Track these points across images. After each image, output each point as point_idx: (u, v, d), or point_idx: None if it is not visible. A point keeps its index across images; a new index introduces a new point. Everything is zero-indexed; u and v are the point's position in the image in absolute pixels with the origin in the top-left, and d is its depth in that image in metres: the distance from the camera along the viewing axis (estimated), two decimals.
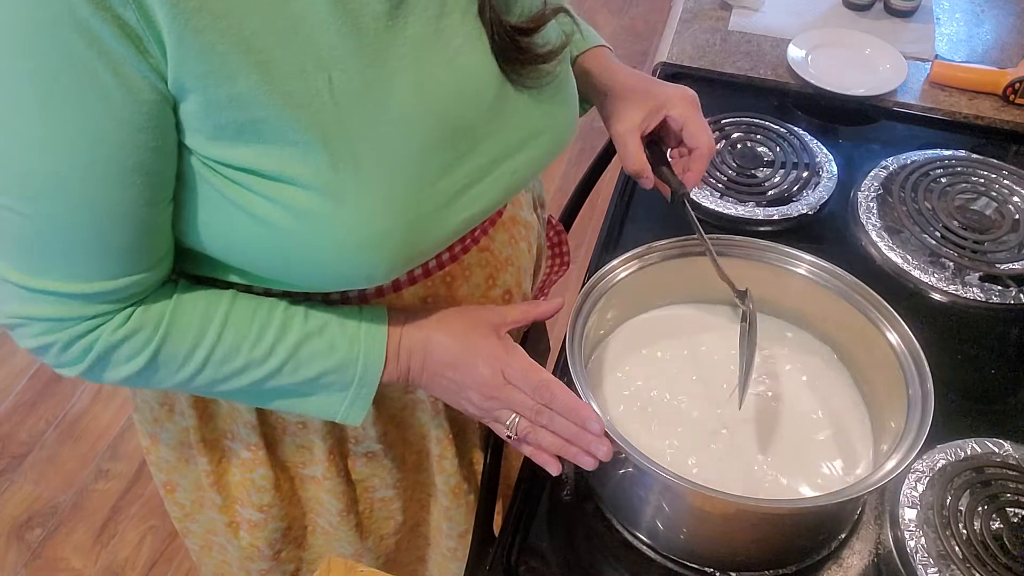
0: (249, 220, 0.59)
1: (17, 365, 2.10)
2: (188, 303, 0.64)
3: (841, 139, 1.20)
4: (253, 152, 0.56)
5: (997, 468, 0.78)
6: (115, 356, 0.63)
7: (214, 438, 0.81)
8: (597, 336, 0.85)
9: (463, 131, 0.63)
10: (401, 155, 0.60)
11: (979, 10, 1.46)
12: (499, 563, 0.75)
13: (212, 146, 0.56)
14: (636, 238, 0.91)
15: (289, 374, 0.67)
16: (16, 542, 1.78)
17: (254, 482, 0.82)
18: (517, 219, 0.82)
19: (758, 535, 0.72)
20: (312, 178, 0.57)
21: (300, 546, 0.93)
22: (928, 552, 0.73)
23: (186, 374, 0.65)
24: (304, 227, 0.58)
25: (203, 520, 0.91)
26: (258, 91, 0.54)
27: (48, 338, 0.61)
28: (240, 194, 0.58)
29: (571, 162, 2.62)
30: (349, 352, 0.67)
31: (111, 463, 1.91)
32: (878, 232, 1.04)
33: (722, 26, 1.42)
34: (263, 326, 0.65)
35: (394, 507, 0.90)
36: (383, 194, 0.59)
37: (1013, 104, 1.24)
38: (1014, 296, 0.97)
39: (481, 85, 0.64)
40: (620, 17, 3.35)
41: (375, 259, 0.61)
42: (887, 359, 0.76)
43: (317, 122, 0.56)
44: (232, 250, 0.62)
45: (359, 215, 0.59)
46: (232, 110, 0.54)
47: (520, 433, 0.70)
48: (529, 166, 0.70)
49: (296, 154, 0.56)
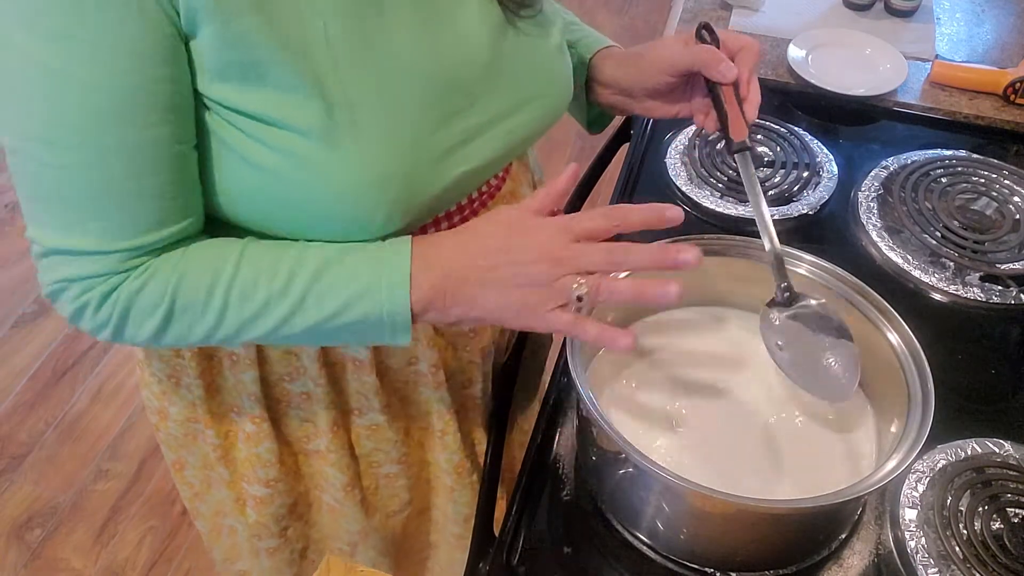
0: (251, 169, 0.60)
1: (17, 365, 2.10)
2: (202, 247, 0.64)
3: (841, 139, 1.20)
4: (255, 96, 0.58)
5: (997, 468, 0.78)
6: (136, 309, 0.62)
7: (221, 412, 0.82)
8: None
9: (459, 87, 0.65)
10: (397, 105, 0.61)
11: (979, 10, 1.46)
12: (499, 563, 0.75)
13: (218, 87, 0.57)
14: (636, 238, 0.91)
15: (314, 307, 0.62)
16: (16, 542, 1.78)
17: (259, 456, 0.83)
18: (517, 194, 0.83)
19: (758, 535, 0.72)
20: (309, 124, 0.59)
21: (307, 523, 0.94)
22: (928, 552, 0.73)
23: (210, 320, 0.63)
24: (302, 173, 0.60)
25: (211, 500, 0.93)
26: (262, 31, 0.56)
27: (84, 297, 0.61)
28: (242, 142, 0.59)
29: (571, 161, 2.62)
30: (372, 273, 0.63)
31: (111, 463, 1.91)
32: (878, 232, 1.03)
33: (722, 26, 1.42)
34: (278, 257, 0.63)
35: (399, 484, 0.90)
36: (378, 142, 0.61)
37: (1013, 104, 1.24)
38: (1014, 296, 0.96)
39: (477, 45, 0.67)
40: (620, 17, 3.34)
41: (372, 204, 0.62)
42: (887, 359, 0.75)
43: (312, 68, 0.58)
44: (238, 202, 0.63)
45: (355, 161, 0.60)
46: (238, 48, 0.56)
47: (595, 295, 0.61)
48: (525, 128, 0.72)
49: (294, 100, 0.58)
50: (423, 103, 0.63)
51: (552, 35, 0.74)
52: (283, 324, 0.63)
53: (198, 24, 0.54)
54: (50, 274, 0.61)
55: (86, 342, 2.15)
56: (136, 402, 2.03)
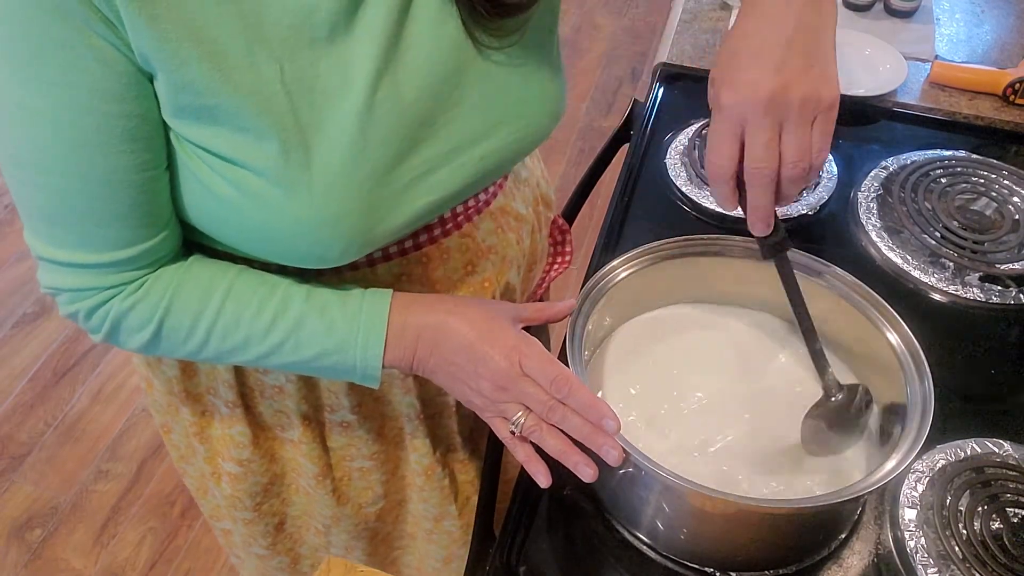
0: (210, 195, 0.62)
1: (17, 366, 2.10)
2: (193, 277, 0.67)
3: (841, 139, 1.20)
4: (210, 133, 0.59)
5: (997, 468, 0.78)
6: (125, 325, 0.66)
7: (197, 392, 0.84)
8: (597, 336, 0.85)
9: (419, 119, 0.64)
10: (354, 145, 0.61)
11: (979, 10, 1.46)
12: (499, 563, 0.75)
13: (177, 123, 0.59)
14: (636, 238, 0.91)
15: (291, 352, 0.68)
16: (16, 542, 1.78)
17: (232, 438, 0.85)
18: (508, 210, 0.82)
19: (758, 535, 0.72)
20: (263, 164, 0.59)
21: (283, 501, 0.95)
22: (928, 552, 0.73)
23: (193, 345, 0.67)
24: (257, 207, 0.61)
25: (195, 464, 0.95)
26: (210, 79, 0.56)
27: (74, 307, 0.66)
28: (201, 169, 0.61)
29: (571, 162, 2.62)
30: (349, 333, 0.68)
31: (111, 464, 1.91)
32: (878, 232, 1.04)
33: (722, 27, 1.42)
34: (263, 301, 0.67)
35: (372, 478, 0.91)
36: (334, 183, 0.61)
37: (1013, 104, 1.24)
38: (1014, 296, 0.96)
39: (443, 72, 0.64)
40: (620, 17, 3.35)
41: (326, 241, 0.63)
42: (887, 359, 0.76)
43: (268, 111, 0.58)
44: (203, 221, 0.65)
45: (309, 201, 0.61)
46: (188, 94, 0.57)
47: (525, 431, 0.67)
48: (498, 154, 0.69)
49: (249, 140, 0.59)
50: (382, 139, 0.62)
51: (529, 49, 0.69)
52: (260, 359, 0.69)
53: (152, 68, 0.56)
54: (44, 278, 0.66)
55: (86, 343, 2.15)
56: (136, 403, 2.03)
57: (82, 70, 0.54)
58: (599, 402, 0.66)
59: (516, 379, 0.67)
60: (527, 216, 0.86)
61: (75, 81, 0.55)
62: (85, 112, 0.56)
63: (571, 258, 0.98)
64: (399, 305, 0.69)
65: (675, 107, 1.27)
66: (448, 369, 0.69)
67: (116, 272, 0.64)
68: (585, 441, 0.66)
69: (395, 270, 0.75)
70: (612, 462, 0.65)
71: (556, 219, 0.98)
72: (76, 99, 0.55)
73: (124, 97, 0.56)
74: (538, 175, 0.92)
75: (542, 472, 0.69)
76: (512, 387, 0.67)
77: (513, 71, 0.68)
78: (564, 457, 0.67)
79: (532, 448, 0.69)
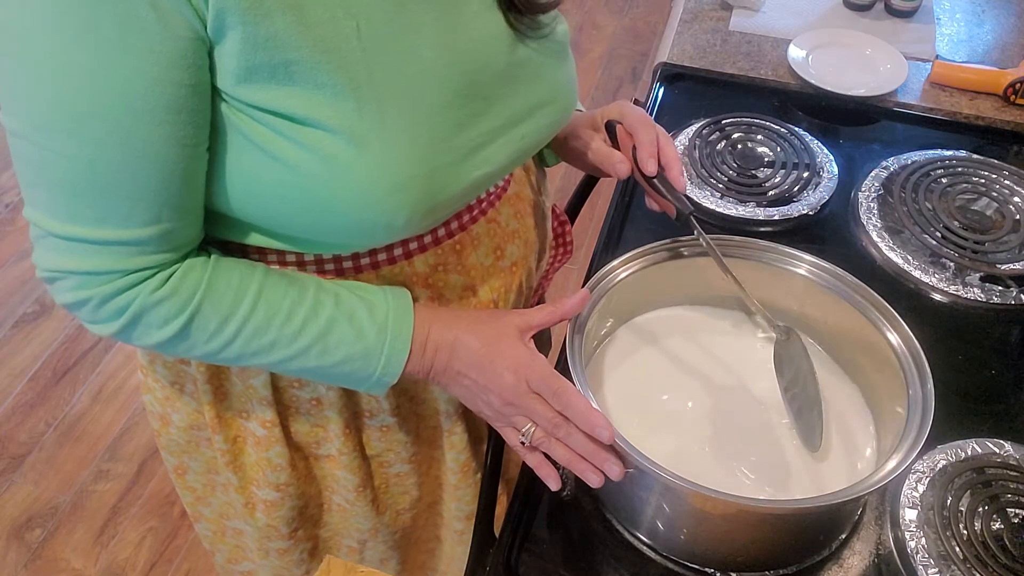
0: (275, 165, 0.60)
1: (17, 366, 2.10)
2: (224, 274, 0.66)
3: (842, 139, 1.20)
4: (284, 94, 0.58)
5: (997, 468, 0.78)
6: (149, 318, 0.63)
7: (229, 416, 0.82)
8: (597, 336, 0.85)
9: (478, 92, 0.67)
10: (422, 106, 0.63)
11: (980, 10, 1.46)
12: (499, 563, 0.75)
13: (244, 88, 0.58)
14: (636, 238, 0.91)
15: (316, 356, 0.68)
16: (16, 542, 1.78)
17: (270, 461, 0.83)
18: (522, 195, 0.84)
19: (758, 535, 0.72)
20: (338, 122, 0.59)
21: (316, 524, 0.94)
22: (928, 553, 0.73)
23: (216, 345, 0.66)
24: (328, 171, 0.60)
25: (216, 503, 0.93)
26: (292, 32, 0.56)
27: (84, 292, 0.62)
28: (267, 138, 0.59)
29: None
30: (376, 340, 0.69)
31: (111, 464, 1.91)
32: (879, 232, 1.03)
33: (722, 26, 1.42)
34: (295, 304, 0.67)
35: (409, 482, 0.91)
36: (405, 142, 0.62)
37: (1014, 104, 1.24)
38: (1015, 296, 0.96)
39: (495, 50, 0.68)
40: (620, 18, 3.35)
41: (396, 205, 0.63)
42: (887, 360, 0.75)
43: (345, 67, 0.59)
44: (256, 202, 0.64)
45: (381, 161, 0.61)
46: (268, 50, 0.56)
47: (535, 441, 0.71)
48: (536, 134, 0.74)
49: (324, 98, 0.59)
50: (445, 105, 0.64)
51: (558, 42, 0.75)
52: (281, 363, 0.68)
53: (226, 27, 0.55)
54: (48, 259, 0.62)
55: (86, 343, 2.15)
56: (136, 403, 2.03)
57: (141, 31, 0.53)
58: (593, 412, 0.68)
59: (523, 395, 0.70)
60: (538, 201, 0.88)
61: (132, 42, 0.53)
62: (136, 75, 0.54)
63: (572, 248, 0.99)
64: (421, 319, 0.71)
65: (675, 107, 1.27)
66: (462, 382, 0.72)
67: (137, 254, 0.61)
68: (588, 457, 0.69)
69: (431, 261, 0.75)
70: (613, 477, 0.68)
71: (556, 211, 0.99)
72: (129, 61, 0.53)
73: (179, 64, 0.55)
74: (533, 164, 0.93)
75: (553, 477, 0.72)
76: (520, 403, 0.70)
77: (547, 59, 0.73)
78: (572, 465, 0.70)
79: (542, 455, 0.72)
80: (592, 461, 0.69)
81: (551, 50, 0.74)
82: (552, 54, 0.74)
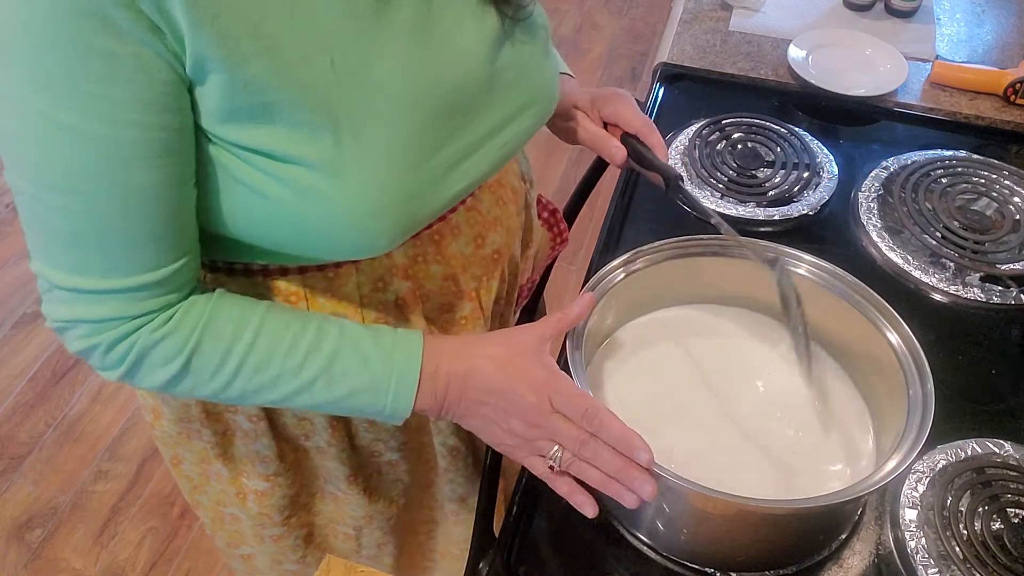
0: (258, 198, 0.61)
1: (17, 366, 2.10)
2: (225, 309, 0.65)
3: (842, 139, 1.20)
4: (264, 133, 0.58)
5: (998, 469, 0.78)
6: (152, 358, 0.63)
7: (217, 410, 0.82)
8: (598, 337, 0.85)
9: (457, 108, 0.66)
10: (399, 132, 0.63)
11: (980, 10, 1.46)
12: (499, 563, 0.75)
13: (225, 128, 0.58)
14: (636, 238, 0.91)
15: (323, 389, 0.66)
16: (16, 542, 1.78)
17: (258, 453, 0.84)
18: (503, 182, 0.84)
19: (758, 535, 0.72)
20: (317, 157, 0.60)
21: (310, 511, 0.95)
22: (929, 553, 0.73)
23: (219, 383, 0.65)
24: (309, 203, 0.61)
25: (212, 491, 0.93)
26: (270, 75, 0.56)
27: (93, 339, 0.62)
28: (249, 174, 0.60)
29: (571, 162, 2.62)
30: (383, 369, 0.67)
31: (111, 464, 1.91)
32: (878, 232, 1.03)
33: (722, 27, 1.42)
34: (297, 336, 0.66)
35: (400, 469, 0.91)
36: (382, 170, 0.62)
37: (1014, 104, 1.24)
38: (1015, 296, 0.96)
39: (475, 62, 0.67)
40: (620, 18, 3.35)
41: (376, 230, 0.64)
42: (887, 360, 0.75)
43: (322, 103, 0.59)
44: (245, 228, 0.64)
45: (360, 190, 0.62)
46: (248, 93, 0.56)
47: (564, 464, 0.67)
48: (517, 138, 0.73)
49: (303, 135, 0.59)
50: (424, 127, 0.64)
51: (539, 38, 0.74)
52: (287, 398, 0.67)
53: (206, 72, 0.55)
54: (58, 310, 0.62)
55: None
56: (136, 403, 2.03)
57: (125, 81, 0.53)
58: (631, 434, 0.65)
59: (547, 415, 0.67)
60: (520, 187, 0.88)
61: (116, 93, 0.53)
62: (124, 125, 0.54)
63: (567, 236, 0.99)
64: (431, 351, 0.69)
65: (675, 107, 1.27)
66: (479, 411, 0.69)
67: (143, 299, 0.62)
68: (618, 476, 0.66)
69: (410, 252, 0.75)
70: (646, 496, 0.65)
71: (543, 200, 0.99)
72: (115, 112, 0.53)
73: (165, 108, 0.55)
74: None
75: (589, 503, 0.68)
76: (544, 424, 0.67)
77: (529, 59, 0.72)
78: (606, 487, 0.67)
79: (573, 480, 0.69)
80: (623, 481, 0.66)
81: (532, 49, 0.73)
82: (533, 53, 0.73)
